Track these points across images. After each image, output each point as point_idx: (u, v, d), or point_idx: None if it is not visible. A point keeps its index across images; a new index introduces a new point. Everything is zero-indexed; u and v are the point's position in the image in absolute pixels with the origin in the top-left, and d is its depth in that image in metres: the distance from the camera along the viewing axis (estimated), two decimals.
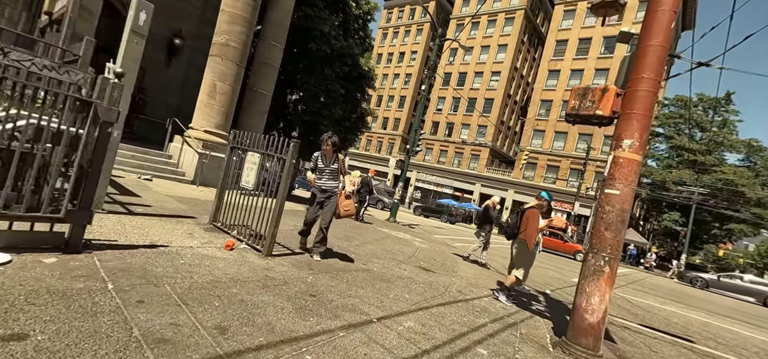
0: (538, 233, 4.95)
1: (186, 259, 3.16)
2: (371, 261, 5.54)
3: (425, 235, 13.20)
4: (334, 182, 4.62)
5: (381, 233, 9.74)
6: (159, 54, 13.98)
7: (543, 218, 4.97)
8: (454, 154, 45.36)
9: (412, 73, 53.33)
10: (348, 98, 16.60)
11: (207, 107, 9.71)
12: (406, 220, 21.40)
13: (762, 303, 19.10)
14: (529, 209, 5.00)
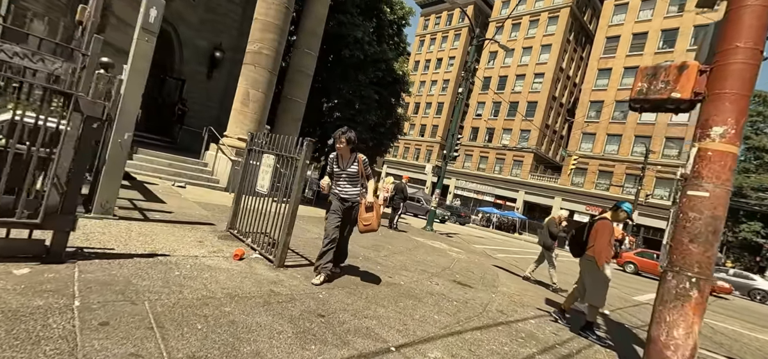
0: (611, 249, 4.05)
1: (183, 270, 2.84)
2: (399, 274, 5.00)
3: (463, 245, 12.40)
4: (355, 189, 3.72)
5: (414, 243, 9.16)
6: (201, 67, 14.54)
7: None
8: (495, 160, 43.57)
9: (450, 79, 52.33)
10: (382, 104, 16.29)
11: (240, 114, 9.78)
12: (444, 229, 20.56)
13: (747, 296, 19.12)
14: (600, 220, 4.13)
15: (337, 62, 15.46)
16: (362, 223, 3.59)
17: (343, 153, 3.71)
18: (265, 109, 10.15)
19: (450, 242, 11.91)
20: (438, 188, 16.67)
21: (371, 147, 16.35)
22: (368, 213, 3.60)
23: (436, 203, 16.47)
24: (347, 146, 3.66)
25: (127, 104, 3.63)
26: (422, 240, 10.35)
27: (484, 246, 14.52)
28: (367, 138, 15.69)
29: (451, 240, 13.17)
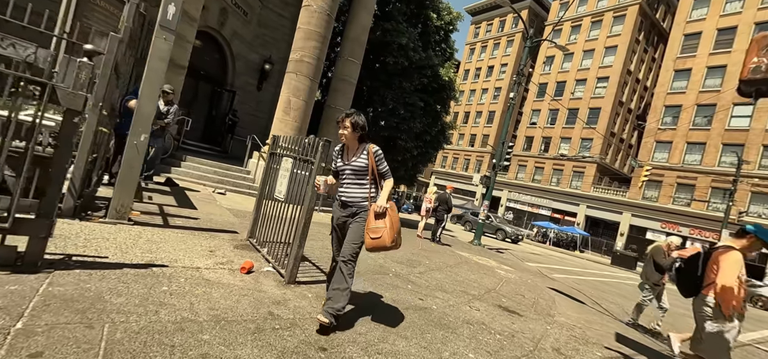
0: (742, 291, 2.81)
1: (174, 285, 2.51)
2: (433, 296, 4.37)
3: (514, 262, 11.28)
4: (361, 190, 2.72)
5: (457, 258, 8.39)
6: (252, 79, 15.11)
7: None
8: (552, 171, 40.62)
9: (502, 87, 50.21)
10: (428, 111, 15.71)
11: (282, 122, 9.81)
12: (494, 244, 19.25)
13: None
14: (721, 249, 2.98)
15: (380, 70, 15.22)
16: (370, 235, 2.58)
17: (349, 142, 2.79)
18: (306, 116, 10.09)
19: (499, 259, 10.89)
20: (487, 199, 15.59)
21: (416, 156, 15.78)
22: (378, 221, 2.57)
23: (485, 215, 15.39)
24: (353, 132, 2.72)
25: (143, 106, 3.49)
26: (467, 255, 9.52)
27: (538, 264, 13.18)
28: (411, 147, 15.17)
29: (501, 257, 12.09)
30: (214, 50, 13.74)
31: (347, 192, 2.77)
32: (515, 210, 42.90)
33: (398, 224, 2.68)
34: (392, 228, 2.61)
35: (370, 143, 2.83)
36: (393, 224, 2.62)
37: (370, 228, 2.59)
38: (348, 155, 2.81)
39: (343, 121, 2.77)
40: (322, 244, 5.61)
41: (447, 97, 16.18)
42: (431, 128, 15.95)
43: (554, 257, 19.72)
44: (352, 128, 2.72)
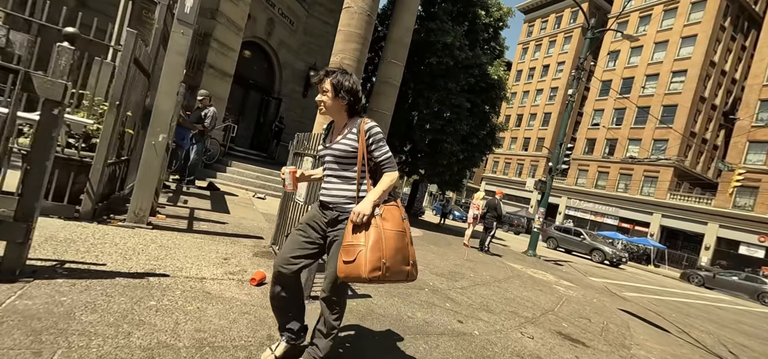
0: None
1: (166, 300, 2.21)
2: (475, 318, 3.73)
3: (576, 276, 10.03)
4: (346, 187, 1.79)
5: (507, 271, 7.53)
6: (298, 87, 15.38)
7: None
8: (619, 176, 36.90)
9: (559, 87, 47.00)
10: (475, 112, 14.82)
11: (321, 127, 9.67)
12: (550, 254, 17.65)
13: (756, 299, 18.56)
14: None
15: (424, 71, 14.68)
16: (341, 257, 1.64)
17: (332, 114, 1.84)
18: None
19: (557, 273, 9.75)
20: (542, 206, 14.27)
21: (462, 160, 14.94)
22: (356, 236, 1.63)
23: (539, 223, 14.08)
24: (336, 99, 1.77)
25: (160, 103, 3.33)
26: (519, 268, 8.58)
27: (605, 280, 11.67)
28: (457, 151, 14.37)
29: (560, 270, 10.86)
30: (262, 59, 14.18)
31: (327, 189, 1.81)
32: (575, 219, 39.59)
33: (397, 242, 1.64)
34: (376, 249, 1.58)
35: (364, 117, 1.84)
36: (380, 243, 1.59)
37: (343, 246, 1.64)
38: (333, 136, 1.88)
39: (322, 82, 1.78)
40: None
41: (496, 97, 15.16)
42: (479, 130, 15.02)
43: (624, 272, 17.58)
44: (334, 91, 1.74)
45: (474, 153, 15.43)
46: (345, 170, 1.77)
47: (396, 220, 1.70)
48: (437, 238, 10.88)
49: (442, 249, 8.23)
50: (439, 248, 8.36)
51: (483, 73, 14.48)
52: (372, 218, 1.64)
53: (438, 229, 15.01)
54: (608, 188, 37.29)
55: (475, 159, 15.64)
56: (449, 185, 15.99)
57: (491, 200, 10.12)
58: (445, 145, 14.23)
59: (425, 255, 6.57)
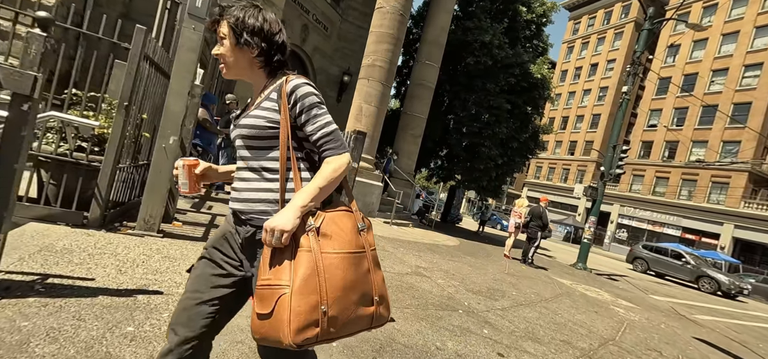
0: None
1: (147, 325, 1.91)
2: (519, 348, 3.14)
3: (635, 294, 8.89)
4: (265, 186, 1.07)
5: (555, 287, 6.74)
6: (332, 92, 15.35)
7: None
8: (681, 181, 33.51)
9: (609, 86, 43.87)
10: (515, 114, 13.93)
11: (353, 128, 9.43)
12: (603, 265, 16.13)
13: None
14: None
15: (461, 72, 14.05)
16: (256, 308, 0.95)
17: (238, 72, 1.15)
18: (377, 123, 9.53)
19: (613, 290, 8.70)
20: (593, 215, 13.03)
21: (500, 165, 14.06)
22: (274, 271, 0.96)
23: (590, 233, 12.85)
24: (238, 49, 1.09)
25: (171, 103, 3.14)
26: (569, 284, 7.70)
27: (669, 299, 10.31)
28: (495, 155, 13.54)
29: (615, 286, 9.73)
30: (296, 66, 14.28)
31: (238, 190, 1.12)
32: (629, 228, 36.51)
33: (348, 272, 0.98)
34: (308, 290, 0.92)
35: (290, 74, 1.14)
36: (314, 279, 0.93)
37: (256, 288, 0.98)
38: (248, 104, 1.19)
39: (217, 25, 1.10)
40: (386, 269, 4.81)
41: (539, 97, 14.16)
42: (519, 132, 14.09)
43: (690, 291, 15.66)
44: (234, 36, 1.08)
45: (514, 158, 14.50)
46: (262, 158, 1.08)
47: (345, 236, 1.02)
48: (475, 248, 10.18)
49: (480, 261, 7.58)
50: (476, 259, 7.72)
51: (524, 72, 13.59)
52: (303, 237, 0.96)
53: (476, 237, 14.22)
54: (668, 196, 33.98)
55: (516, 164, 14.69)
56: (487, 191, 15.14)
57: (535, 208, 9.28)
58: (483, 149, 13.48)
59: (461, 268, 6.01)
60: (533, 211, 9.25)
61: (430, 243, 8.14)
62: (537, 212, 9.21)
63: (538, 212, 9.21)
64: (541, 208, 9.30)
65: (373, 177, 9.49)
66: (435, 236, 9.95)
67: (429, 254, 6.41)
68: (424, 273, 4.88)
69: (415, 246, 6.92)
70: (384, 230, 8.09)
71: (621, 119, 12.62)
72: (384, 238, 6.81)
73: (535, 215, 9.18)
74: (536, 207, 9.30)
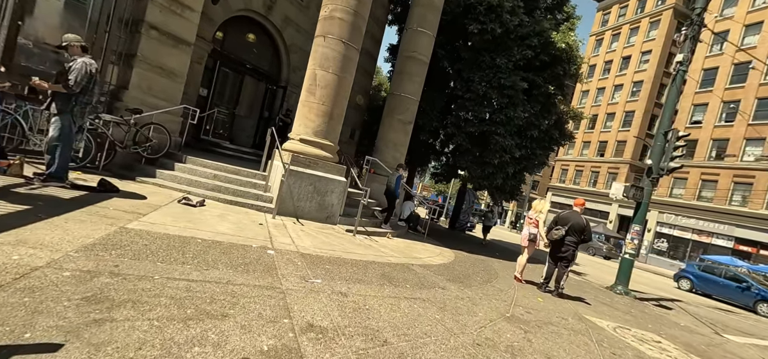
0: None
1: None
2: None
3: (706, 338, 5.95)
4: None
5: (592, 344, 4.00)
6: None
7: None
8: (732, 184, 29.23)
9: (644, 80, 39.73)
10: (534, 95, 11.15)
11: (305, 106, 6.98)
12: (643, 282, 12.93)
13: None
14: None
15: (463, 45, 11.41)
16: None
17: None
18: (338, 97, 7.05)
19: (674, 332, 5.80)
20: (636, 223, 10.04)
21: (518, 158, 11.25)
22: None
23: (633, 247, 9.87)
24: None
25: None
26: (612, 329, 4.90)
27: (753, 341, 7.23)
28: (511, 145, 10.77)
29: (673, 320, 6.78)
30: (266, 43, 11.99)
31: None
32: (671, 238, 32.32)
33: None
34: None
35: None
36: None
37: None
38: None
39: None
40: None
41: (565, 73, 11.30)
42: (540, 118, 11.27)
43: (763, 322, 12.22)
44: None
45: (535, 149, 11.65)
46: None
47: None
48: (473, 267, 7.51)
49: (470, 293, 4.95)
50: (465, 290, 5.10)
51: (545, 43, 10.80)
52: None
53: (482, 249, 11.42)
54: (717, 201, 29.71)
55: (538, 157, 11.81)
56: (502, 192, 12.31)
57: (568, 215, 6.46)
58: (495, 138, 10.76)
59: (419, 317, 3.40)
60: (565, 219, 6.41)
61: (400, 263, 5.57)
62: (578, 225, 6.35)
63: (579, 225, 6.35)
64: (578, 217, 6.42)
65: (333, 169, 7.01)
66: (419, 251, 7.36)
67: (372, 287, 3.85)
68: (318, 341, 2.35)
69: (359, 272, 4.37)
70: (334, 243, 5.61)
71: (674, 97, 9.63)
72: (310, 256, 4.32)
73: (576, 229, 6.34)
74: (570, 214, 6.46)
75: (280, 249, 4.22)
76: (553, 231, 6.46)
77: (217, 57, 10.15)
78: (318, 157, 6.87)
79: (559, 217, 6.51)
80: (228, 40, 10.52)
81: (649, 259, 32.76)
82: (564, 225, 6.39)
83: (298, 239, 5.01)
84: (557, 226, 6.47)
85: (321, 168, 6.86)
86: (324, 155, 6.94)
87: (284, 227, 5.61)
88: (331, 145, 7.10)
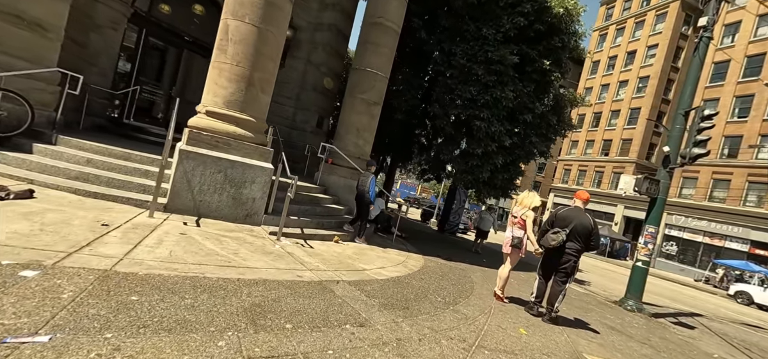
0: None
1: None
2: None
3: None
4: None
5: None
6: None
7: None
8: (746, 184, 27.29)
9: (650, 76, 37.88)
10: (527, 72, 9.41)
11: (214, 69, 5.28)
12: (656, 291, 11.10)
13: None
14: None
15: (442, 14, 9.70)
16: None
17: None
18: (259, 56, 5.32)
19: None
20: (650, 223, 8.25)
21: (508, 148, 9.48)
22: None
23: (647, 251, 8.11)
24: None
25: None
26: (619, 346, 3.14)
27: None
28: (499, 132, 9.02)
29: (704, 347, 5.00)
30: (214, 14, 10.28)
31: None
32: (680, 241, 30.38)
33: None
34: None
35: None
36: None
37: None
38: None
39: None
40: None
41: (564, 46, 9.53)
42: (534, 100, 9.51)
43: None
44: None
45: (529, 137, 9.88)
46: None
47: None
48: (446, 276, 5.79)
49: (425, 321, 3.28)
50: (418, 313, 3.42)
51: (539, 9, 9.07)
52: None
53: (467, 255, 9.61)
54: (730, 202, 27.76)
55: (534, 145, 10.00)
56: (491, 188, 10.49)
57: (570, 213, 4.71)
58: (478, 123, 9.03)
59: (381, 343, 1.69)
60: (576, 223, 4.62)
61: (318, 282, 3.87)
62: (582, 225, 4.58)
63: (584, 225, 4.58)
64: (588, 218, 4.63)
65: (254, 153, 5.30)
66: (371, 260, 5.64)
67: (192, 337, 2.13)
68: None
69: (206, 304, 2.66)
70: (225, 253, 3.93)
71: (697, 70, 7.86)
72: (130, 279, 2.63)
73: (577, 231, 4.58)
74: (576, 214, 4.70)
75: (69, 268, 2.51)
76: (550, 235, 4.71)
77: (142, 24, 8.46)
78: (231, 136, 5.16)
79: (558, 215, 4.76)
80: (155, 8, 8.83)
81: (657, 264, 30.78)
82: (564, 227, 4.64)
83: (151, 249, 3.30)
84: (555, 228, 4.73)
85: (235, 151, 5.15)
86: (240, 134, 5.23)
87: (158, 229, 3.91)
88: (252, 121, 5.37)
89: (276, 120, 11.44)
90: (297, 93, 11.69)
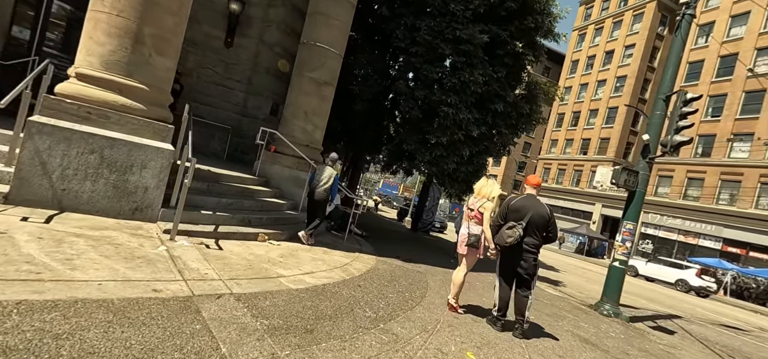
0: None
1: None
2: None
3: None
4: None
5: None
6: (216, 30, 10.00)
7: None
8: (719, 183, 27.57)
9: (627, 75, 38.24)
10: (498, 56, 8.54)
11: (90, 21, 4.09)
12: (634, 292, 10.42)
13: None
14: None
15: None
16: None
17: None
18: (147, 3, 4.18)
19: None
20: (629, 219, 7.49)
21: (476, 138, 8.59)
22: None
23: (624, 249, 7.37)
24: None
25: None
26: None
27: None
28: (467, 120, 8.11)
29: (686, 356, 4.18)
30: None
31: None
32: (656, 239, 30.50)
33: None
34: None
35: None
36: None
37: None
38: None
39: None
40: None
41: (538, 27, 8.71)
42: (506, 87, 8.65)
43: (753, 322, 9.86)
44: None
45: (500, 127, 9.02)
46: None
47: None
48: (392, 283, 4.82)
49: (354, 342, 2.25)
50: (347, 333, 2.42)
51: None
52: None
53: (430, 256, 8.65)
54: (704, 200, 27.98)
55: (503, 137, 9.15)
56: (455, 182, 9.59)
57: (524, 203, 3.84)
58: (445, 109, 8.10)
59: None
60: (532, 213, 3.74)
61: (186, 297, 2.84)
62: (539, 215, 3.72)
63: (540, 215, 3.72)
64: (544, 207, 3.80)
65: (145, 130, 4.18)
66: (301, 263, 4.62)
67: None
68: None
69: None
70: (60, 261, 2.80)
71: (679, 51, 7.14)
72: None
73: (534, 223, 3.70)
74: (531, 202, 3.83)
75: None
76: (505, 232, 3.81)
77: None
78: (110, 106, 4.02)
79: (510, 206, 3.87)
80: None
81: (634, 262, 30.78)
82: (520, 220, 3.74)
83: None
84: (509, 222, 3.82)
85: (117, 126, 4.01)
86: (123, 104, 4.09)
87: None
88: (143, 89, 4.24)
89: (225, 106, 10.26)
90: (248, 76, 10.48)
